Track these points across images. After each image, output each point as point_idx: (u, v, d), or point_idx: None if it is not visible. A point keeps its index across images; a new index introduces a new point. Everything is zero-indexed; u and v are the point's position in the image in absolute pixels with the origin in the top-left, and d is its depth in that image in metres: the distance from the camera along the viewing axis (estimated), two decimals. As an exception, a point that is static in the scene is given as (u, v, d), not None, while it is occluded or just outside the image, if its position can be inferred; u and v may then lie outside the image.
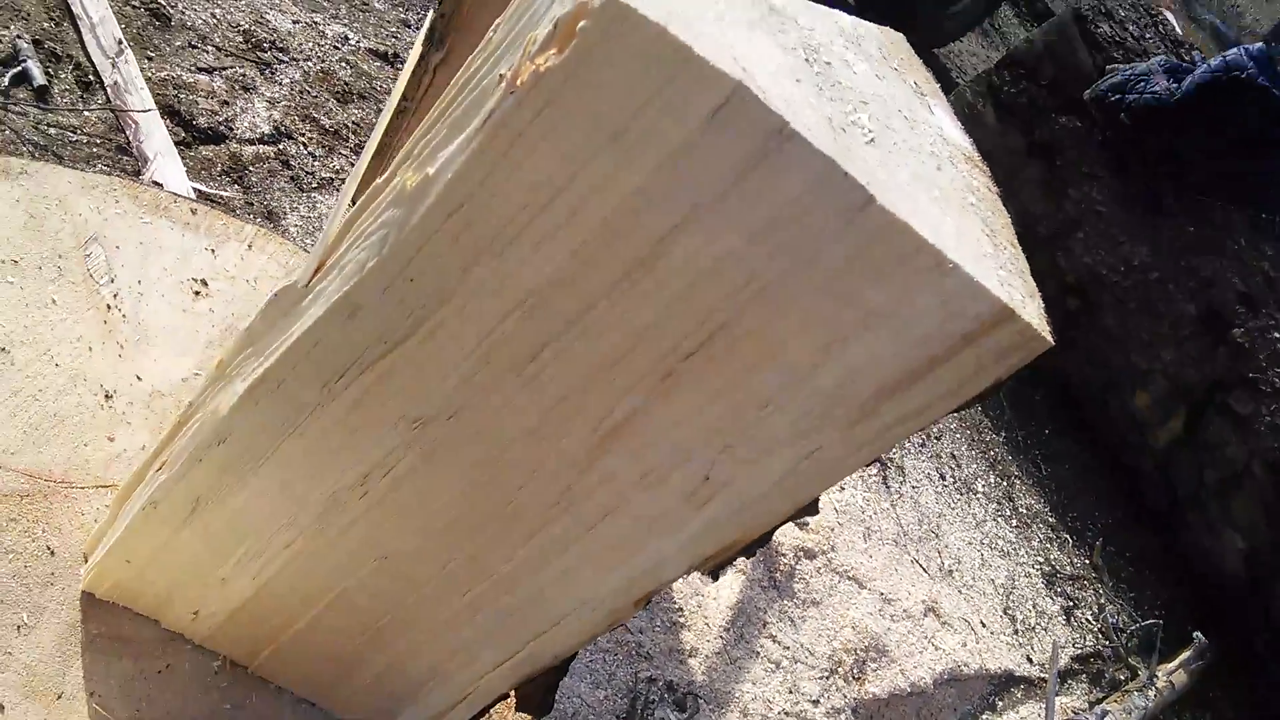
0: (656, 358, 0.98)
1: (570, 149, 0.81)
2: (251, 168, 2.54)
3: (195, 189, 2.35)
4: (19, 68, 2.25)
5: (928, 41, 4.53)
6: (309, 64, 2.79)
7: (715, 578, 1.21)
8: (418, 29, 3.19)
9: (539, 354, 0.99)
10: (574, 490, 1.11)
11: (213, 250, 1.64)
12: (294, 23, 2.92)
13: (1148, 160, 3.45)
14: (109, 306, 1.50)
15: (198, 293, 1.59)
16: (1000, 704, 2.99)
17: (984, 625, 3.10)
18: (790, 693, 2.57)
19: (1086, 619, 3.41)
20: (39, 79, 2.25)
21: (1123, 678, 3.28)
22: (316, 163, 2.66)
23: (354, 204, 0.93)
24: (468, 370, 1.00)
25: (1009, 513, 3.53)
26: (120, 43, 2.46)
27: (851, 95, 0.91)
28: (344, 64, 2.86)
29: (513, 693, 1.36)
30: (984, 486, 3.52)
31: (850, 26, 1.01)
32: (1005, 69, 3.67)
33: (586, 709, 2.21)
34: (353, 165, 2.70)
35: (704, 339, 0.96)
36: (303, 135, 2.67)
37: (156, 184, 1.67)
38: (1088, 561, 3.60)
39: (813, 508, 1.10)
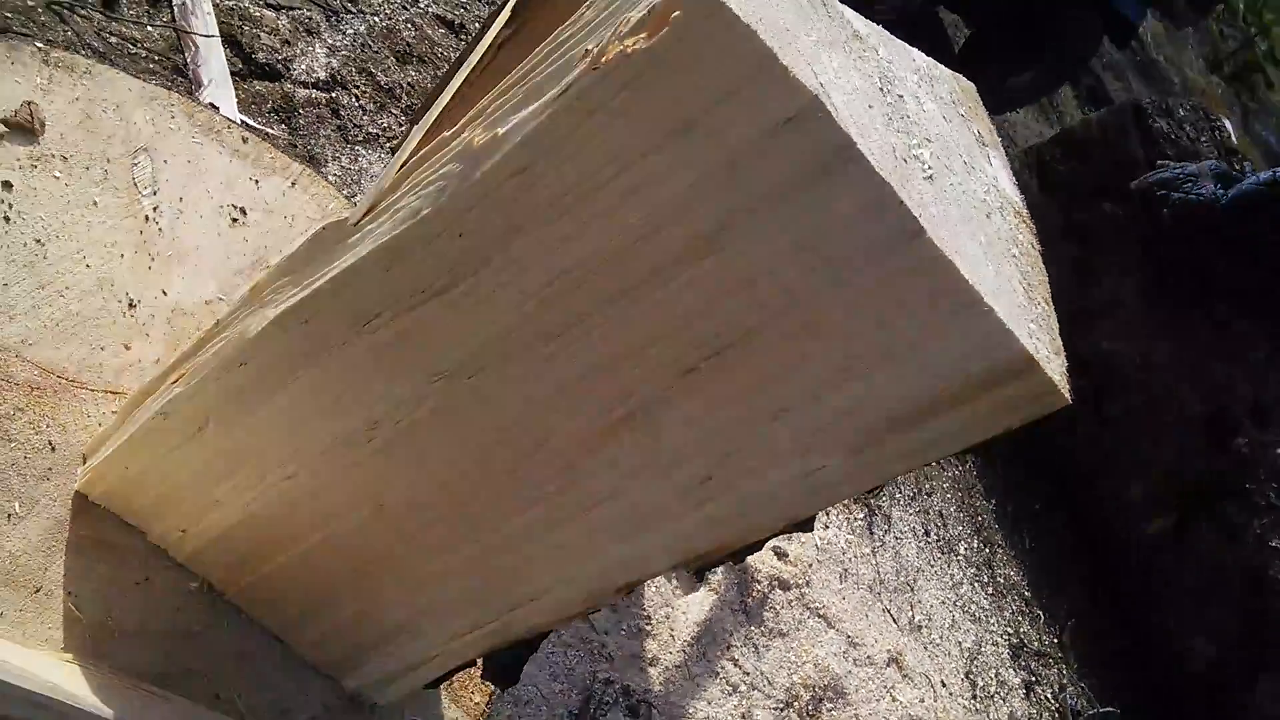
0: (680, 352, 0.99)
1: (639, 132, 0.83)
2: (301, 110, 2.56)
3: (243, 121, 2.37)
4: (95, -27, 2.27)
5: (987, 107, 4.56)
6: (375, 19, 2.82)
7: (700, 578, 1.22)
8: (488, 2, 3.22)
9: (568, 330, 1.00)
10: (576, 469, 1.12)
11: (256, 181, 1.65)
12: (369, -23, 2.94)
13: (1182, 259, 3.47)
14: (147, 218, 1.52)
15: (235, 220, 1.61)
16: (947, 765, 2.99)
17: (944, 685, 3.10)
18: (743, 718, 2.58)
19: (1046, 696, 3.41)
20: (112, -13, 2.27)
21: (1071, 761, 3.29)
22: (365, 117, 2.68)
23: (415, 152, 0.95)
24: (496, 334, 1.02)
25: (986, 579, 3.53)
26: (197, -34, 2.48)
27: (917, 131, 0.93)
28: (409, 25, 2.89)
29: (480, 661, 1.37)
30: (966, 549, 3.53)
31: (926, 66, 1.03)
32: (1057, 145, 3.69)
33: (541, 699, 2.21)
34: (401, 126, 2.72)
35: (730, 341, 0.97)
36: (357, 87, 2.69)
37: (213, 106, 1.69)
38: (1056, 640, 3.60)
39: (808, 524, 1.11)
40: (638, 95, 0.80)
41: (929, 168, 0.91)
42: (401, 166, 0.96)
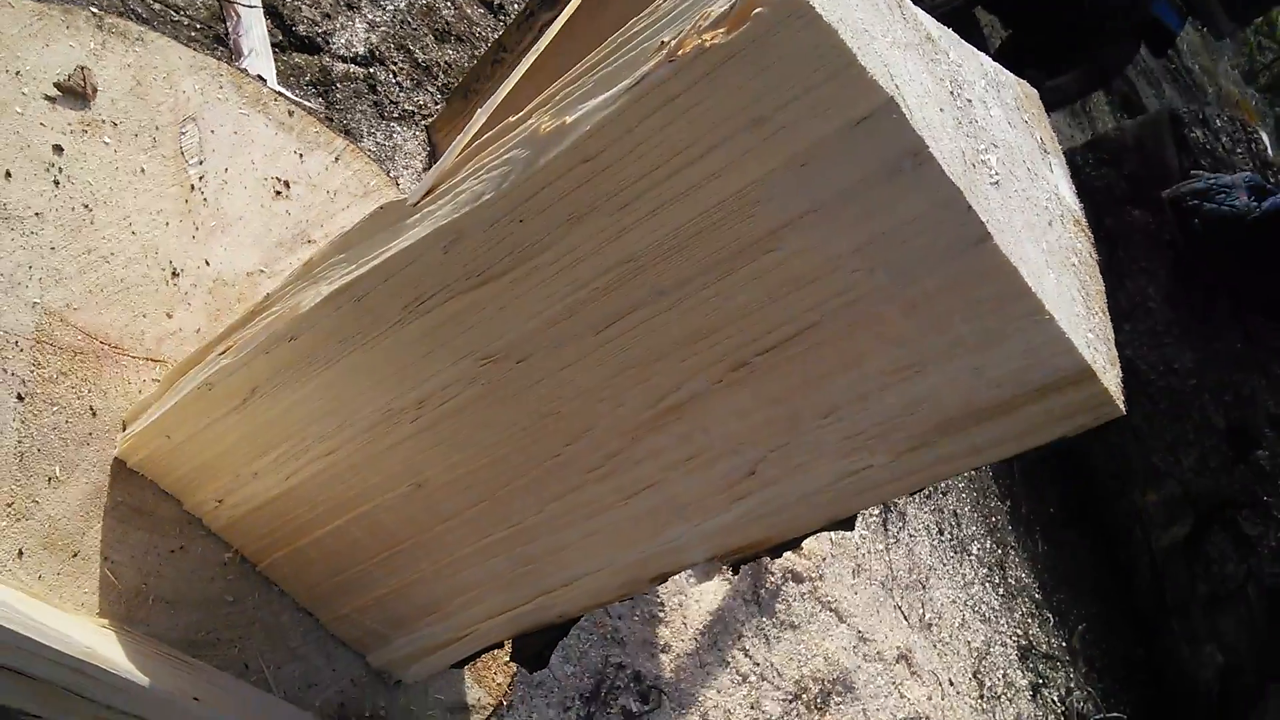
0: (733, 347, 0.99)
1: (711, 126, 0.82)
2: (339, 85, 2.55)
3: (280, 93, 2.37)
4: (141, -61, 2.27)
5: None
6: (416, -4, 2.81)
7: (735, 571, 1.22)
8: (528, -16, 3.21)
9: (620, 319, 1.00)
10: (619, 458, 1.13)
11: (300, 155, 1.65)
12: (410, -47, 2.93)
13: (1211, 269, 3.45)
14: (193, 187, 1.52)
15: (279, 192, 1.61)
16: (953, 764, 3.00)
17: (952, 684, 3.11)
18: (752, 708, 2.59)
19: (1053, 699, 3.41)
20: (158, -46, 2.26)
21: (1075, 765, 3.29)
22: (402, 94, 2.67)
23: (479, 135, 0.95)
24: (548, 319, 1.02)
25: (998, 580, 3.53)
26: (242, -65, 2.47)
27: (985, 136, 0.92)
28: (449, 4, 2.88)
29: (508, 643, 1.37)
30: (979, 550, 3.53)
31: (993, 71, 1.02)
32: (1091, 151, 3.67)
33: (553, 681, 2.22)
34: (437, 104, 2.72)
35: (784, 338, 0.97)
36: (395, 64, 2.69)
37: (260, 79, 1.69)
38: (1065, 644, 3.61)
39: (849, 523, 1.11)
40: (712, 89, 0.80)
41: (995, 173, 0.91)
42: (464, 149, 0.96)
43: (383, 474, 1.21)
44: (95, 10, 1.46)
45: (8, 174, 1.34)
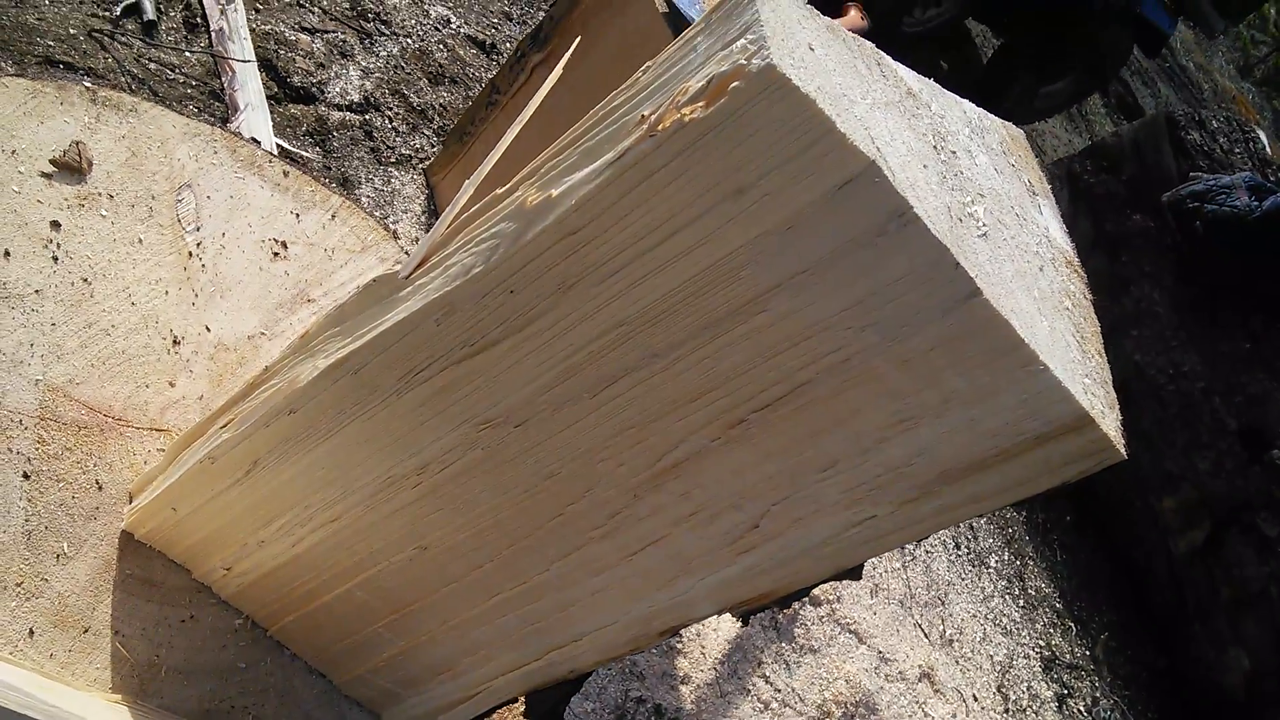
0: (729, 406, 0.99)
1: (693, 197, 0.82)
2: (335, 133, 2.57)
3: (278, 144, 2.39)
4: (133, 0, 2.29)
5: (1015, 117, 4.53)
6: (408, 40, 2.83)
7: (745, 622, 1.22)
8: (519, 23, 3.23)
9: (615, 382, 1.00)
10: (621, 516, 1.13)
11: (297, 215, 1.66)
12: (400, -2, 2.95)
13: (1214, 271, 3.44)
14: (190, 254, 1.53)
15: (276, 254, 1.62)
16: (979, 783, 2.98)
17: (976, 699, 3.09)
18: (775, 736, 2.58)
19: (1078, 710, 3.39)
20: (150, 14, 2.29)
21: (1104, 777, 3.27)
22: (399, 138, 2.69)
23: (468, 208, 0.95)
24: (543, 385, 1.02)
25: (1018, 592, 3.51)
26: (233, -8, 2.50)
27: (971, 187, 0.92)
28: (441, 46, 2.90)
29: (521, 700, 1.37)
30: (997, 562, 3.51)
31: (977, 118, 1.02)
32: (1089, 158, 3.67)
33: (574, 719, 2.22)
34: (433, 147, 2.73)
35: (780, 395, 0.97)
36: (390, 109, 2.71)
37: (254, 140, 1.70)
38: (1089, 653, 3.58)
39: (856, 572, 1.11)
40: (693, 161, 0.80)
41: (983, 225, 0.91)
42: (453, 220, 0.97)
43: (387, 539, 1.21)
44: (88, 85, 1.48)
45: (6, 253, 1.35)
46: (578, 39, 1.71)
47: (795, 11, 0.82)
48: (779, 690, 2.64)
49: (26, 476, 1.28)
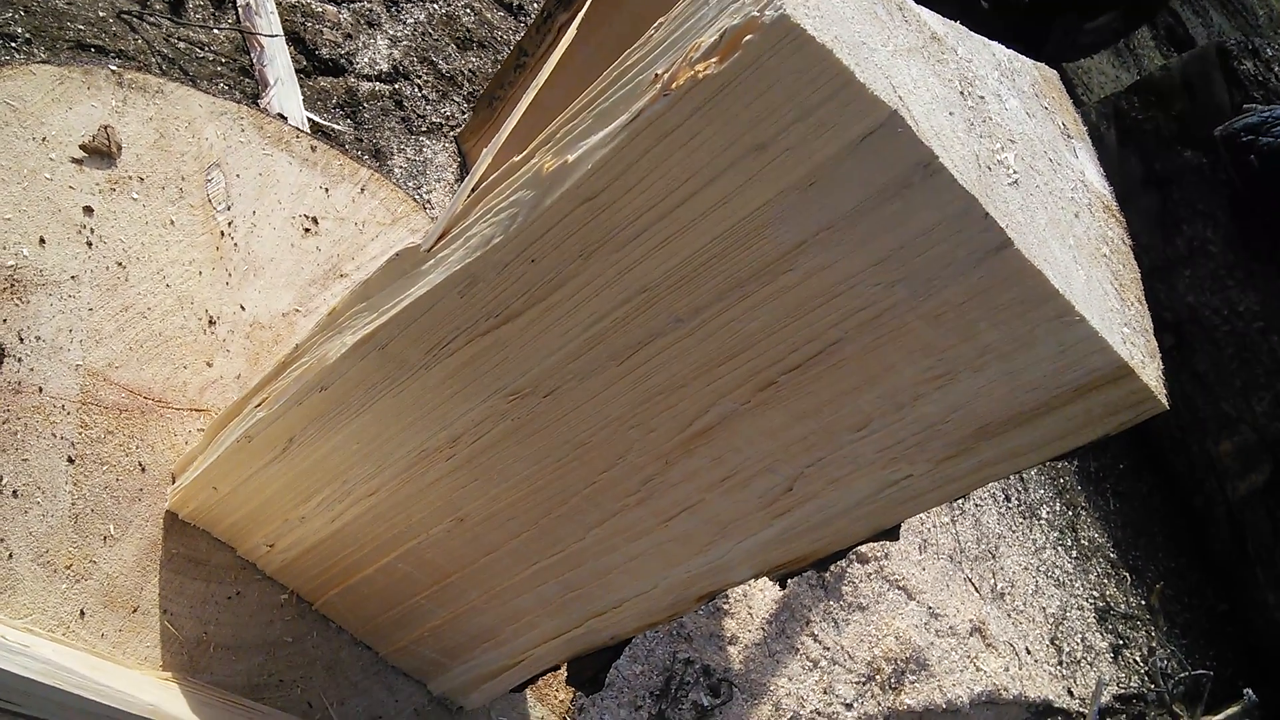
0: (759, 367, 0.98)
1: (711, 156, 0.80)
2: (366, 104, 2.56)
3: (309, 118, 2.39)
4: (158, -19, 2.29)
5: (1060, 55, 4.40)
6: (435, 6, 2.81)
7: (783, 585, 1.21)
8: (544, -16, 3.19)
9: (641, 348, 0.99)
10: (655, 482, 1.12)
11: (326, 189, 1.66)
12: (424, -36, 2.93)
13: (1271, 206, 3.33)
14: (222, 233, 1.53)
15: (307, 230, 1.62)
16: (1035, 734, 2.96)
17: (1029, 652, 3.06)
18: (825, 693, 2.58)
19: (1135, 660, 3.35)
20: (175, -6, 2.29)
21: (1163, 725, 3.23)
22: (429, 106, 2.68)
23: (485, 177, 0.94)
24: (570, 353, 1.01)
25: (1070, 543, 3.47)
26: (257, -34, 2.49)
27: (1000, 133, 0.89)
28: (469, 10, 2.87)
29: (564, 666, 1.38)
30: (1048, 513, 3.46)
31: (1007, 60, 0.98)
32: (1136, 94, 3.55)
33: (622, 681, 2.23)
34: (464, 114, 2.71)
35: (810, 355, 0.95)
36: (419, 77, 2.69)
37: (281, 116, 1.70)
38: (1144, 602, 3.53)
39: (893, 533, 1.09)
40: (710, 119, 0.78)
41: (1014, 172, 0.88)
42: (472, 191, 0.95)
43: (424, 511, 1.21)
44: (114, 68, 1.48)
45: (42, 240, 1.37)
46: (600, -3, 1.68)
47: (810, -41, 0.79)
48: (828, 648, 2.63)
49: (71, 461, 1.30)
